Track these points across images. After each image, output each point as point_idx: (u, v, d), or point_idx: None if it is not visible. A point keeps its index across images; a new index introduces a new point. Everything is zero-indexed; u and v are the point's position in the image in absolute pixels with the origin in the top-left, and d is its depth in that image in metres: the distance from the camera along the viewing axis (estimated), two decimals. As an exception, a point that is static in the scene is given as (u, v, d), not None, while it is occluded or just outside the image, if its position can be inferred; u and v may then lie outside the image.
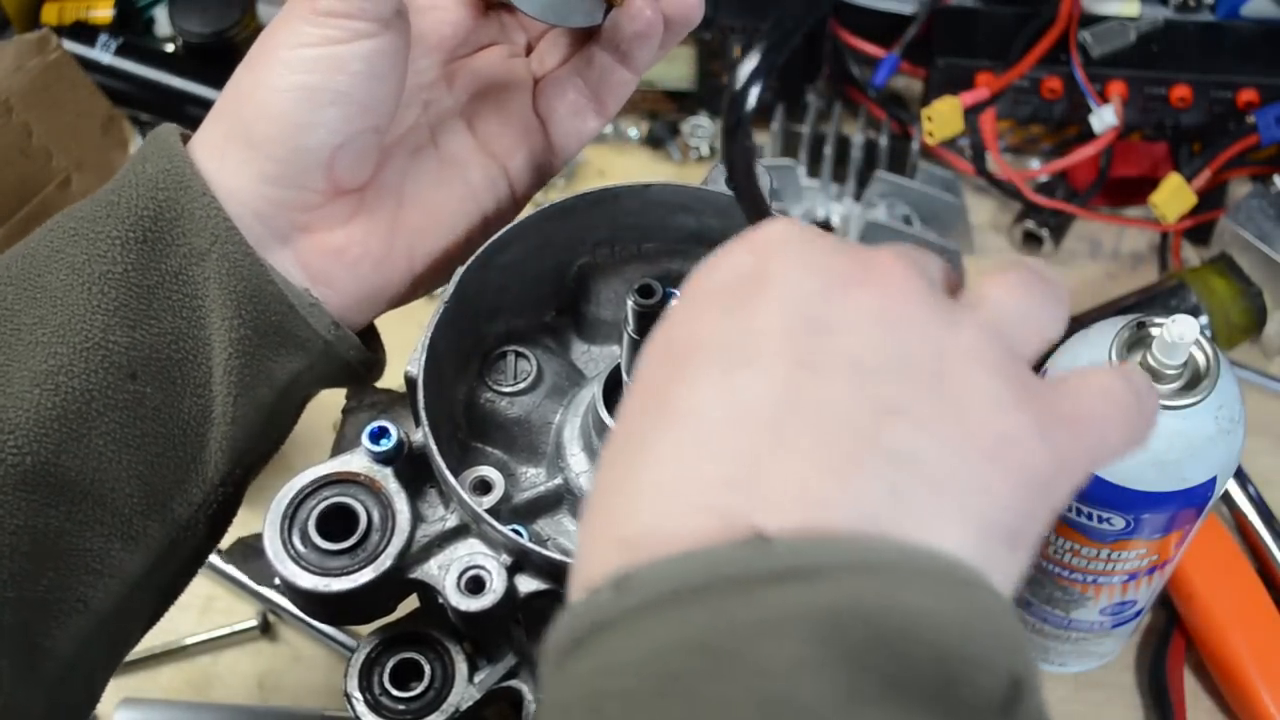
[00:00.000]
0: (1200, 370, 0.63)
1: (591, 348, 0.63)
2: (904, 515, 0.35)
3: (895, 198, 0.95)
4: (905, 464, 0.36)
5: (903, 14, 1.01)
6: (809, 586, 0.33)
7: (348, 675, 0.62)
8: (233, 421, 0.55)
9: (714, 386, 0.37)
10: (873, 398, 0.37)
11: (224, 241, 0.53)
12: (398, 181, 0.59)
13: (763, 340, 0.38)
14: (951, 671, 0.33)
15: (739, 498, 0.35)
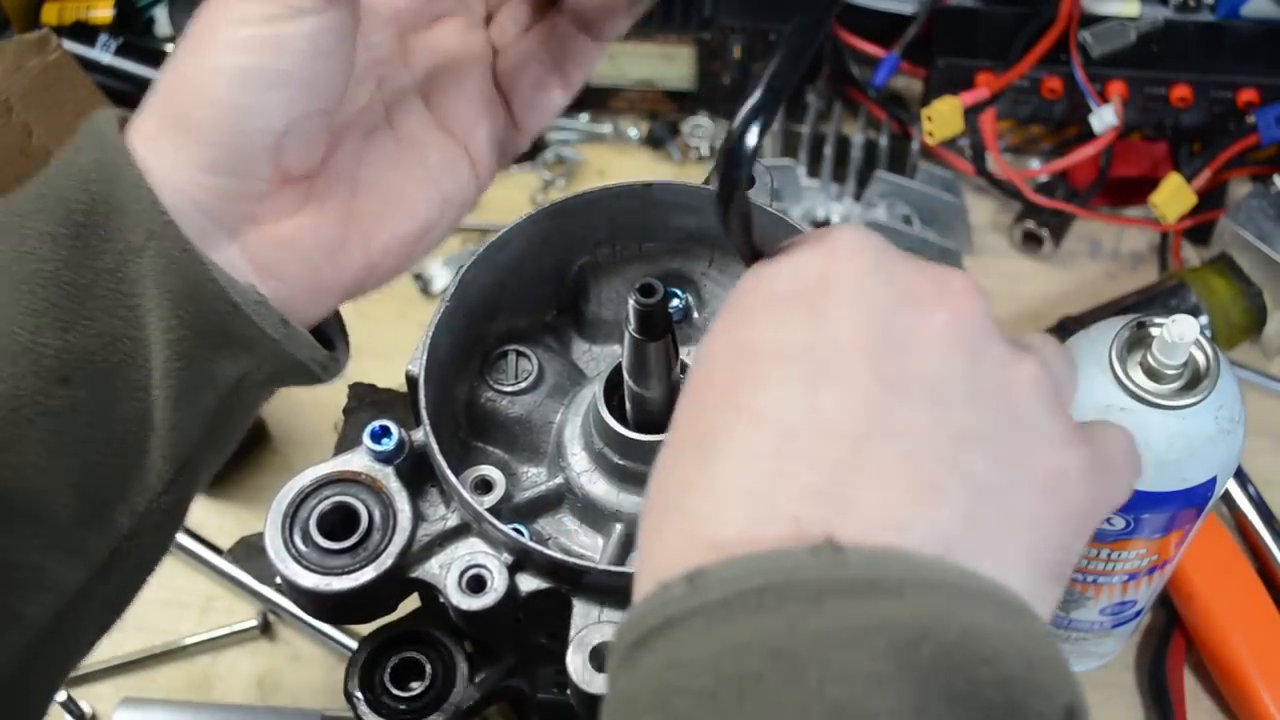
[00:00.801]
0: (1200, 370, 0.63)
1: (592, 347, 0.63)
2: (975, 542, 0.36)
3: (895, 198, 0.95)
4: (980, 492, 0.37)
5: (903, 14, 1.01)
6: (883, 601, 0.34)
7: (348, 675, 0.62)
8: (174, 427, 0.51)
9: (797, 395, 0.38)
10: (951, 422, 0.38)
11: (161, 237, 0.49)
12: (351, 165, 0.55)
13: (843, 353, 0.38)
14: (1015, 696, 0.34)
15: (823, 509, 0.36)
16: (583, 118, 1.08)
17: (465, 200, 0.58)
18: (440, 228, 0.57)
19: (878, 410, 0.37)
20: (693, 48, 1.02)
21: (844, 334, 0.38)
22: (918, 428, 0.37)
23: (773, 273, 0.41)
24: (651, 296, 0.52)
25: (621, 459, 0.57)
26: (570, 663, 0.51)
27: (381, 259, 0.56)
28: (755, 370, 0.38)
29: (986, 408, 0.38)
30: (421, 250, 0.57)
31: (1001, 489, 0.38)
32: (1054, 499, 0.39)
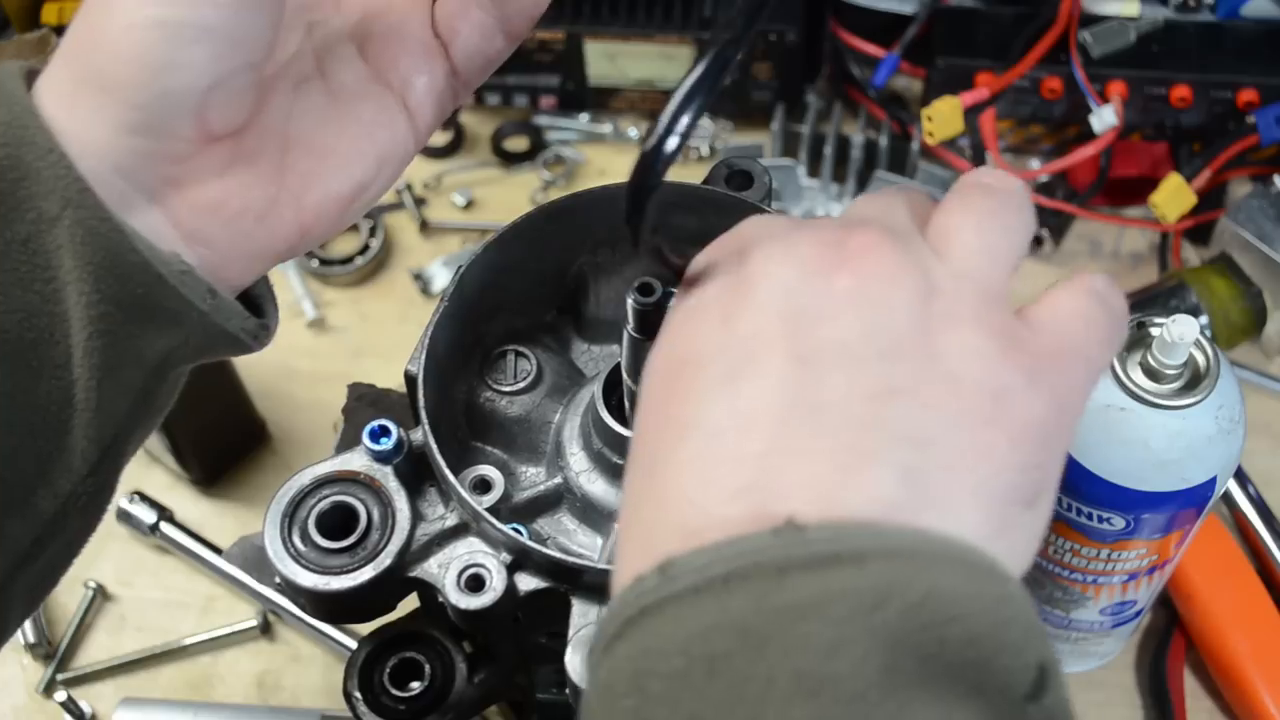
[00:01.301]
0: (1200, 370, 0.63)
1: (592, 347, 0.63)
2: (920, 498, 0.36)
3: (895, 198, 0.95)
4: (912, 446, 0.37)
5: (903, 14, 1.01)
6: (844, 571, 0.34)
7: (348, 675, 0.62)
8: (98, 406, 0.49)
9: (717, 396, 0.38)
10: (870, 383, 0.37)
11: (77, 205, 0.46)
12: (280, 121, 0.52)
13: (756, 343, 0.38)
14: (984, 655, 0.34)
15: (761, 499, 0.36)
16: (583, 118, 1.08)
17: (403, 156, 0.55)
18: (376, 186, 0.54)
19: (793, 389, 0.37)
20: (693, 48, 1.02)
21: (754, 324, 0.38)
22: (834, 396, 0.37)
23: (691, 280, 0.41)
24: (651, 296, 0.52)
25: (620, 459, 0.57)
26: (569, 662, 0.51)
27: (314, 221, 0.53)
28: (681, 381, 0.39)
29: (902, 356, 0.38)
30: (356, 210, 0.54)
31: (934, 435, 0.37)
32: (998, 423, 0.38)
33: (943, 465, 0.37)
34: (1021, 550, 0.39)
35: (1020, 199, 0.43)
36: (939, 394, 0.37)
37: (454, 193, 1.05)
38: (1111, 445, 0.63)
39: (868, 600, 0.34)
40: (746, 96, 1.04)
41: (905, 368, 0.38)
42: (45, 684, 0.84)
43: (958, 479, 0.37)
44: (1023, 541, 0.38)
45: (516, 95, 1.06)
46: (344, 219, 0.54)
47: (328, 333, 0.99)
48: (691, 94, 0.40)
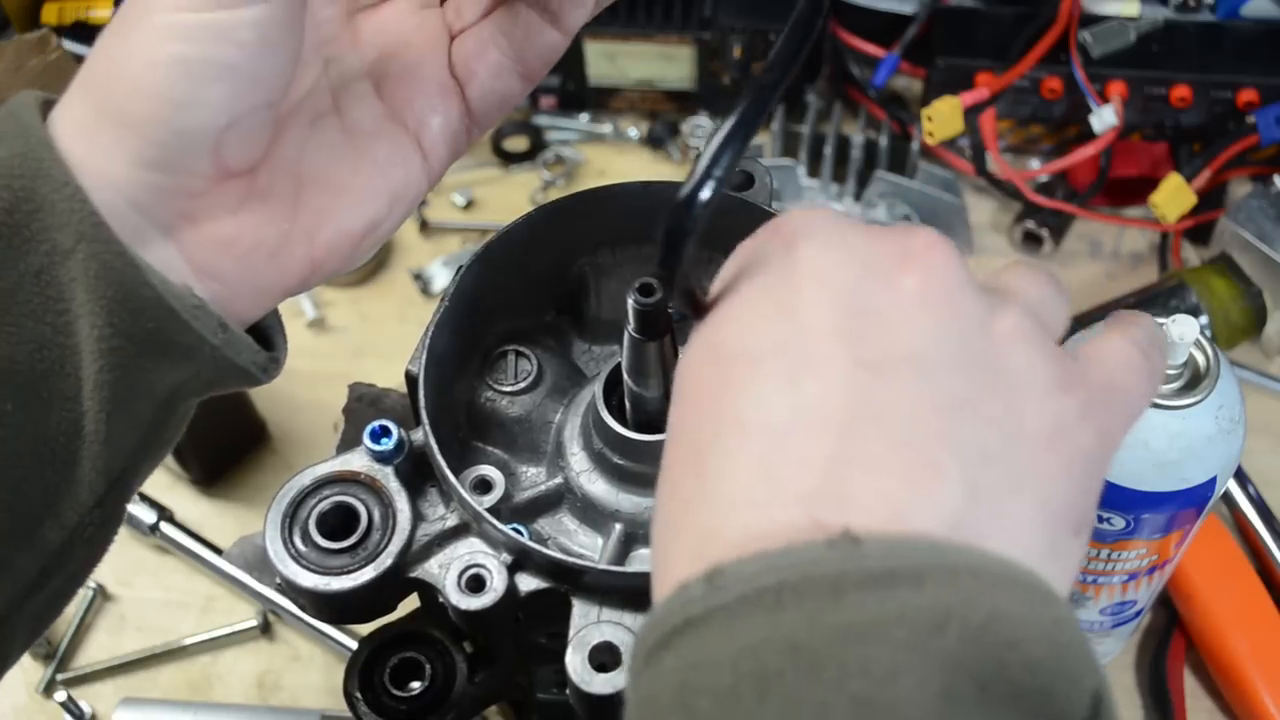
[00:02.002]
0: (1200, 370, 0.63)
1: (592, 347, 0.63)
2: (984, 516, 0.36)
3: (895, 198, 0.95)
4: (979, 463, 0.36)
5: (903, 14, 1.01)
6: (902, 591, 0.33)
7: (348, 675, 0.62)
8: (107, 439, 0.49)
9: (778, 393, 0.37)
10: (938, 393, 0.36)
11: (91, 238, 0.46)
12: (294, 158, 0.51)
13: (817, 341, 0.37)
14: (1042, 683, 0.33)
15: (824, 506, 0.35)
16: (583, 118, 1.08)
17: (415, 195, 0.55)
18: (389, 224, 0.54)
19: (860, 394, 0.36)
20: (693, 48, 1.02)
21: (814, 321, 0.37)
22: (903, 405, 0.36)
23: (735, 270, 0.40)
24: (651, 296, 0.52)
25: (621, 459, 0.57)
26: (570, 662, 0.51)
27: (326, 257, 0.53)
28: (734, 376, 0.38)
29: (971, 369, 0.37)
30: (367, 248, 0.54)
31: (998, 452, 0.36)
32: (1056, 450, 0.38)
33: (1007, 484, 0.36)
34: (1067, 578, 0.38)
35: (1064, 287, 0.43)
36: (1004, 411, 0.37)
37: (454, 193, 1.05)
38: (1112, 445, 0.63)
39: (927, 623, 0.33)
40: (746, 96, 1.04)
41: (973, 380, 0.37)
42: (45, 684, 0.84)
43: (1020, 500, 0.36)
44: (1069, 569, 0.38)
45: (516, 95, 1.06)
46: (356, 256, 0.53)
47: (328, 333, 0.99)
48: (729, 139, 0.39)
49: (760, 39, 1.00)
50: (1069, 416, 0.38)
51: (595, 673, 0.50)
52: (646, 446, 0.56)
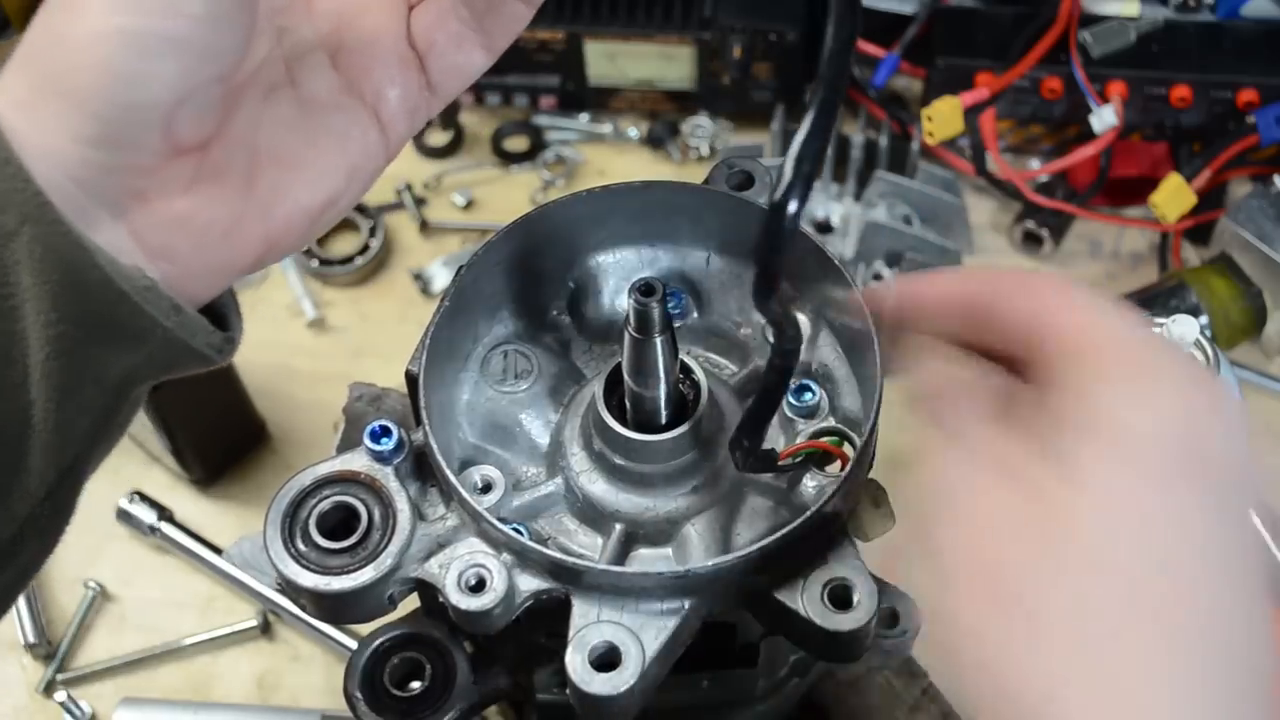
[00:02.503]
0: (1200, 370, 0.63)
1: (592, 347, 0.63)
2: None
3: (895, 198, 0.95)
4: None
5: (903, 14, 1.01)
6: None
7: (348, 675, 0.63)
8: (57, 428, 0.47)
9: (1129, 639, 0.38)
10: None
11: (36, 220, 0.43)
12: (248, 132, 0.49)
13: (1124, 584, 0.39)
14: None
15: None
16: (583, 118, 1.08)
17: (374, 169, 0.53)
18: (346, 199, 0.52)
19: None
20: (693, 48, 1.02)
21: (1118, 560, 0.39)
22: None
23: (990, 457, 0.42)
24: (651, 295, 0.52)
25: (621, 459, 0.56)
26: (570, 662, 0.51)
27: (282, 234, 0.50)
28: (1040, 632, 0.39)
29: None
30: (325, 224, 0.52)
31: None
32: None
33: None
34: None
35: (951, 351, 0.47)
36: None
37: (454, 193, 1.05)
38: (1111, 445, 0.63)
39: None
40: (746, 96, 1.04)
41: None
42: (45, 684, 0.84)
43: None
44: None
45: (516, 95, 1.06)
46: (312, 232, 0.52)
47: (328, 333, 0.99)
48: (802, 156, 0.40)
49: (760, 39, 1.00)
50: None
51: (595, 672, 0.50)
52: (646, 446, 0.56)
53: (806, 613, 0.51)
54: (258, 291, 1.00)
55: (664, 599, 0.52)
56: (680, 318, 0.63)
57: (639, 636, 0.51)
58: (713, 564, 0.51)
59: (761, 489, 0.58)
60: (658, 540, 0.57)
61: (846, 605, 0.51)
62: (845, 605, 0.51)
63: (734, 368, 0.62)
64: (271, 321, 0.99)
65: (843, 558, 0.53)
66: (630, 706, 0.51)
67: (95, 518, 0.90)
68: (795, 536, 0.52)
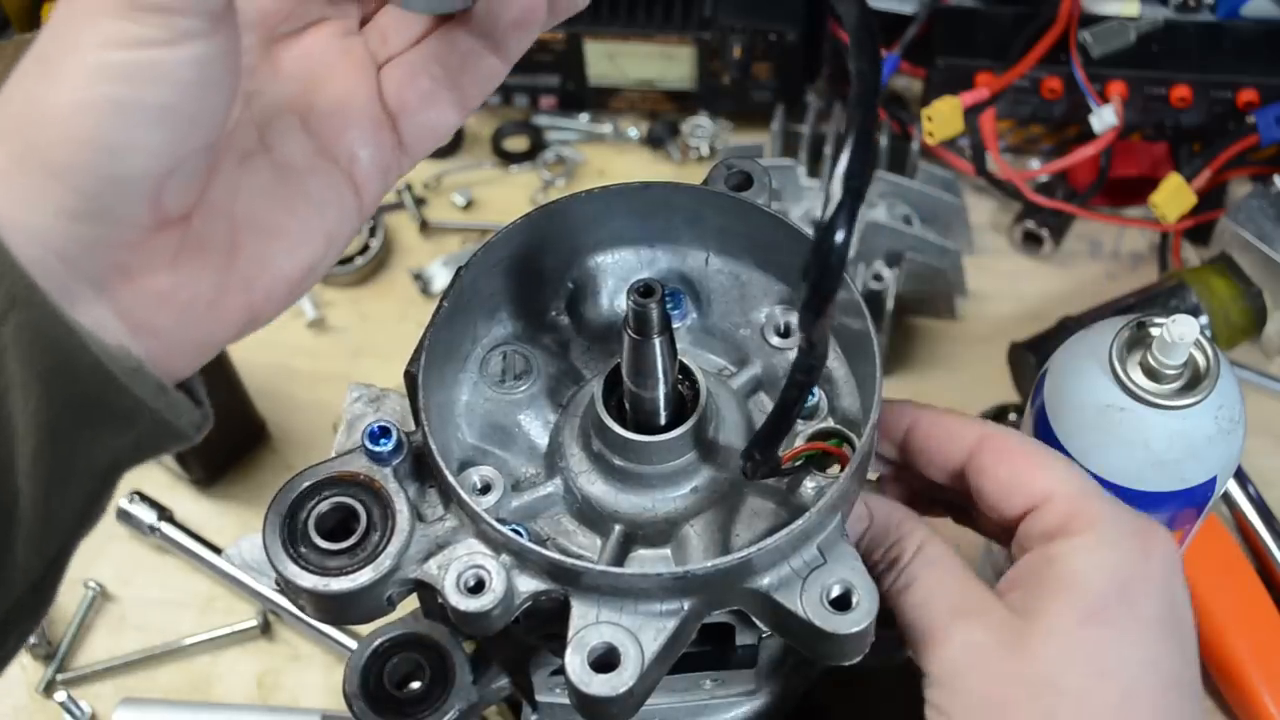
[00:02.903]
0: (1200, 370, 0.63)
1: (592, 347, 0.63)
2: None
3: (895, 198, 0.95)
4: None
5: (903, 14, 1.01)
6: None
7: (348, 675, 0.63)
8: (44, 519, 0.45)
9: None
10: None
11: (24, 303, 0.42)
12: (228, 200, 0.48)
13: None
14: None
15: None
16: (583, 118, 1.08)
17: (350, 231, 0.52)
18: (325, 264, 0.51)
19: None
20: (693, 48, 1.02)
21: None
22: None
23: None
24: (650, 296, 0.52)
25: (620, 460, 0.56)
26: (569, 663, 0.51)
27: (264, 304, 0.49)
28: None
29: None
30: (304, 290, 0.51)
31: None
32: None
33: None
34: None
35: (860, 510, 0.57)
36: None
37: (454, 193, 1.05)
38: (1111, 445, 0.63)
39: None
40: (746, 96, 1.04)
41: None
42: (45, 684, 0.84)
43: None
44: None
45: (516, 95, 1.06)
46: (291, 300, 0.51)
47: (328, 333, 0.99)
48: (849, 180, 0.40)
49: (760, 39, 1.00)
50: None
51: (594, 673, 0.50)
52: (645, 447, 0.56)
53: (806, 614, 0.51)
54: (258, 291, 1.00)
55: (663, 600, 0.52)
56: (679, 318, 0.63)
57: (638, 637, 0.51)
58: (712, 565, 0.51)
59: (760, 490, 0.58)
60: (657, 541, 0.57)
61: (846, 606, 0.51)
62: (845, 606, 0.51)
63: (733, 368, 0.62)
64: (272, 321, 0.99)
65: (842, 558, 0.53)
66: (630, 707, 0.51)
67: (95, 518, 0.90)
68: (795, 537, 0.52)
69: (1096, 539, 0.53)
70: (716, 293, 0.63)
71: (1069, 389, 0.65)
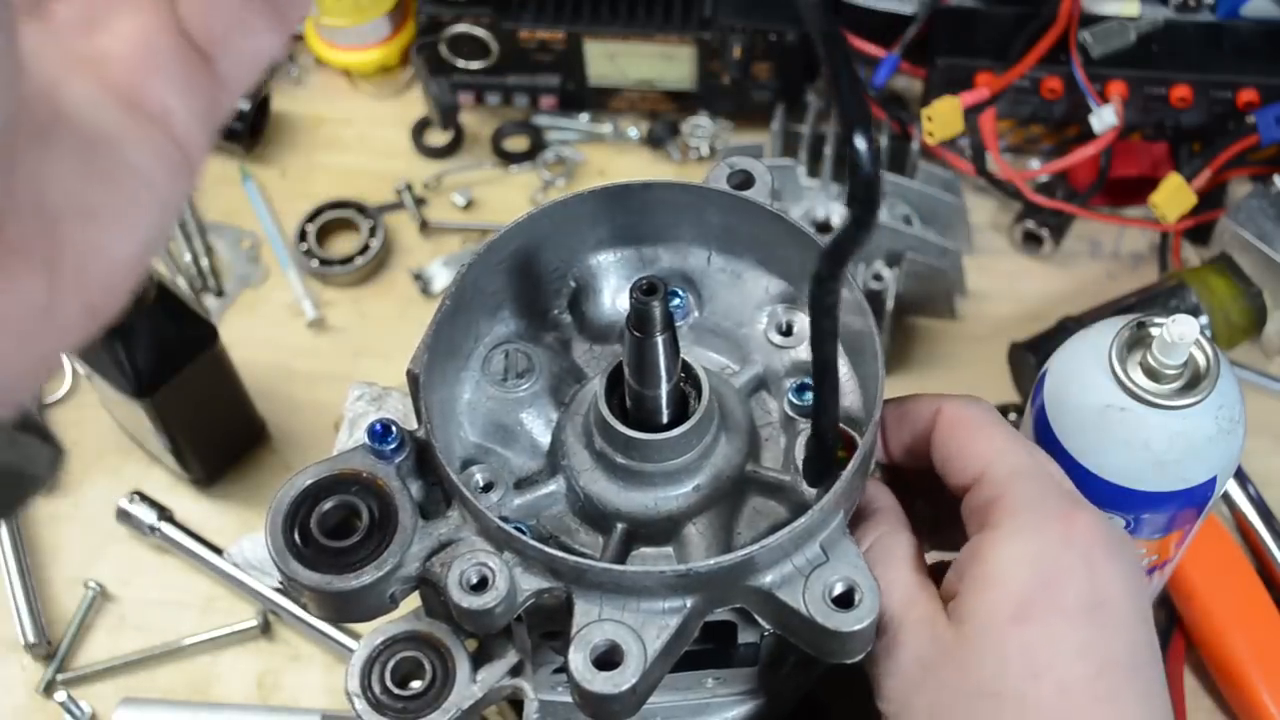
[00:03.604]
0: (1200, 370, 0.63)
1: (593, 346, 0.63)
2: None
3: (895, 198, 0.95)
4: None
5: (903, 14, 1.01)
6: None
7: (348, 674, 0.62)
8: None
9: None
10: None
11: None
12: (35, 192, 0.40)
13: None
14: None
15: None
16: (583, 118, 1.08)
17: (184, 191, 0.45)
18: (164, 234, 0.44)
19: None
20: (693, 48, 1.02)
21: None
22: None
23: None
24: (652, 294, 0.52)
25: (623, 458, 0.56)
26: (572, 661, 0.51)
27: (104, 298, 0.42)
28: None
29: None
30: (143, 270, 0.44)
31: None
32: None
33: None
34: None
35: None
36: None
37: (454, 193, 1.05)
38: (1111, 445, 0.63)
39: None
40: (746, 96, 1.04)
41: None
42: (45, 684, 0.84)
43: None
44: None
45: (516, 95, 1.06)
46: (134, 283, 0.44)
47: (328, 333, 0.99)
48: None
49: (760, 39, 1.00)
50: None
51: (597, 671, 0.50)
52: (648, 445, 0.56)
53: (808, 612, 0.51)
54: (258, 292, 1.00)
55: (666, 598, 0.52)
56: (681, 317, 0.63)
57: (641, 635, 0.51)
58: (714, 563, 0.51)
59: (762, 488, 0.58)
60: (659, 539, 0.57)
61: (849, 604, 0.52)
62: (847, 605, 0.52)
63: (734, 366, 0.62)
64: (271, 321, 0.99)
65: (844, 556, 0.53)
66: (632, 705, 0.51)
67: (95, 518, 0.90)
68: (797, 535, 0.52)
69: (1015, 528, 0.53)
70: (718, 291, 0.63)
71: (1069, 389, 0.65)
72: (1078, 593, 0.52)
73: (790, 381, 0.60)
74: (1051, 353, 0.68)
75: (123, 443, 0.93)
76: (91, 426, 0.93)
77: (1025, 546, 0.52)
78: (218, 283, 1.01)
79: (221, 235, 1.03)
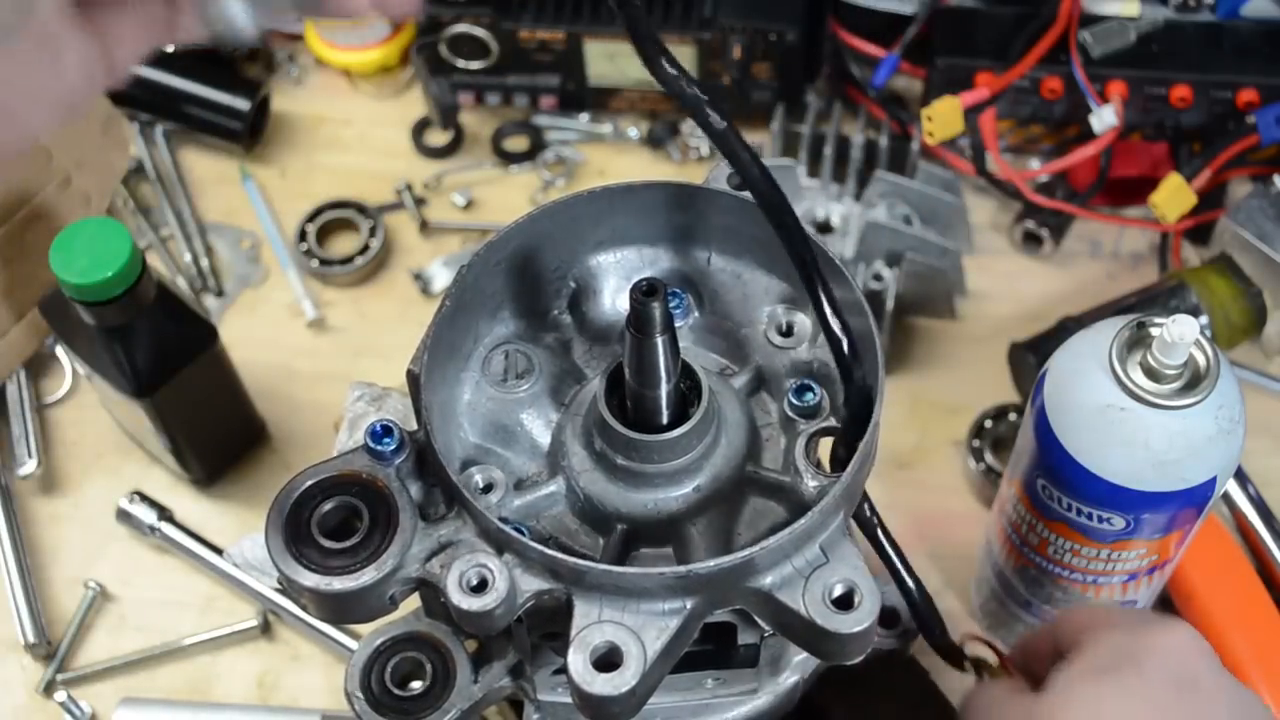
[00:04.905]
0: (1200, 370, 0.63)
1: (593, 347, 0.63)
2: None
3: (895, 198, 0.95)
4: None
5: (903, 14, 1.01)
6: None
7: (348, 674, 0.63)
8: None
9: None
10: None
11: None
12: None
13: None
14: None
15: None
16: (583, 118, 1.08)
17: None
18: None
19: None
20: (693, 48, 1.02)
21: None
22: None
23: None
24: (652, 295, 0.52)
25: (622, 459, 0.57)
26: (571, 662, 0.51)
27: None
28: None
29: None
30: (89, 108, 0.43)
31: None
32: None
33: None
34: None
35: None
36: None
37: (454, 193, 1.05)
38: (1111, 445, 0.63)
39: None
40: (746, 96, 1.04)
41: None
42: (45, 684, 0.84)
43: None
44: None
45: (516, 95, 1.06)
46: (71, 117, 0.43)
47: (328, 333, 0.99)
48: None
49: (760, 39, 1.00)
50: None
51: (597, 673, 0.50)
52: (648, 446, 0.56)
53: (808, 613, 0.51)
54: (258, 291, 1.00)
55: (665, 599, 0.52)
56: (681, 317, 0.63)
57: (640, 636, 0.51)
58: (714, 564, 0.51)
59: (762, 489, 0.58)
60: (659, 540, 0.57)
61: (848, 606, 0.52)
62: (847, 606, 0.52)
63: (734, 367, 0.62)
64: (271, 321, 0.99)
65: (844, 558, 0.53)
66: (632, 706, 0.51)
67: (95, 518, 0.90)
68: (797, 536, 0.52)
69: (1108, 629, 0.58)
70: (718, 292, 0.63)
71: (1069, 389, 0.65)
72: (1164, 670, 0.56)
73: (790, 382, 0.60)
74: (1051, 353, 0.68)
75: (123, 443, 0.93)
76: (91, 426, 0.93)
77: (1115, 634, 0.58)
78: (218, 283, 1.01)
79: (221, 235, 1.03)
